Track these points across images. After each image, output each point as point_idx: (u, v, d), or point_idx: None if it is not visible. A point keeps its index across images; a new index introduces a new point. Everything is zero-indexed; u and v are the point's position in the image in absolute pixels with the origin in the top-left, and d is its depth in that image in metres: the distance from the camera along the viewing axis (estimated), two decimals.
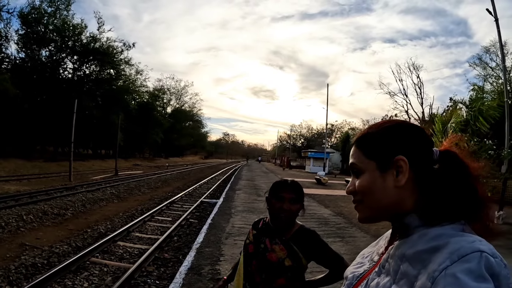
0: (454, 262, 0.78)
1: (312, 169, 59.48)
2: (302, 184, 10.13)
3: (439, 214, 0.97)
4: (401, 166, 1.01)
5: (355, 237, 10.34)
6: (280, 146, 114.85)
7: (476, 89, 25.86)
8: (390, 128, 1.09)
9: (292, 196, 2.29)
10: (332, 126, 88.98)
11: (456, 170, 1.03)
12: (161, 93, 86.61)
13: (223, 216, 11.90)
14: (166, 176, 34.82)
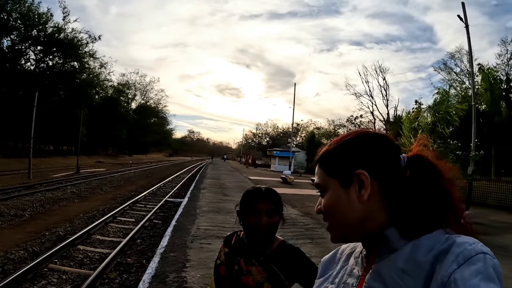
0: (461, 265, 0.76)
1: (278, 168, 59.92)
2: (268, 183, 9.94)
3: (420, 223, 0.92)
4: (363, 181, 0.97)
5: (324, 238, 10.22)
6: (246, 144, 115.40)
7: (441, 92, 26.45)
8: (349, 141, 1.05)
9: (270, 208, 1.94)
10: (298, 126, 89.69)
11: (428, 175, 0.98)
12: (125, 88, 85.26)
13: (188, 217, 11.58)
14: (129, 174, 34.27)
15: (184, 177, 33.62)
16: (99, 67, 60.44)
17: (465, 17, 19.84)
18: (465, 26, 19.81)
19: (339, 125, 75.69)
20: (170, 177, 32.20)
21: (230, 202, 15.99)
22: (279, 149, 68.58)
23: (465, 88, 38.51)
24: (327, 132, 78.53)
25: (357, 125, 68.78)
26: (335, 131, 76.74)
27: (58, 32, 49.17)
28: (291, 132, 65.94)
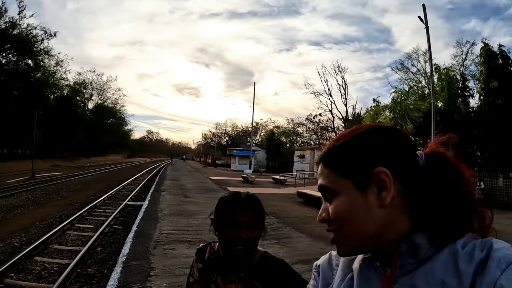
0: (504, 271, 0.70)
1: (238, 167, 60.14)
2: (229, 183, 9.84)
3: (450, 227, 0.81)
4: (384, 180, 0.82)
5: (291, 238, 10.18)
6: (205, 144, 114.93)
7: (398, 91, 27.23)
8: (362, 135, 0.90)
9: (252, 219, 1.67)
10: (257, 125, 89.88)
11: (450, 175, 0.86)
12: (82, 87, 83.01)
13: (150, 221, 11.33)
14: (87, 177, 33.42)
15: (144, 179, 33.09)
16: (54, 65, 58.40)
17: (425, 18, 20.38)
18: (425, 27, 20.35)
19: (298, 124, 76.54)
20: (129, 180, 31.58)
21: (191, 204, 15.82)
22: (239, 148, 68.92)
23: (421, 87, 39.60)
24: (286, 131, 79.21)
25: (316, 123, 69.53)
26: (295, 129, 77.47)
27: (12, 28, 47.22)
28: (251, 131, 66.02)
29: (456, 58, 45.59)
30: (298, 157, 51.88)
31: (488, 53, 25.39)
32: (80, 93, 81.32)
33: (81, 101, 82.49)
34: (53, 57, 56.63)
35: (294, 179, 34.12)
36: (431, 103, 19.47)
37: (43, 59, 54.59)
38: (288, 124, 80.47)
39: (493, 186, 22.61)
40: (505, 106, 23.58)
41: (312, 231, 11.18)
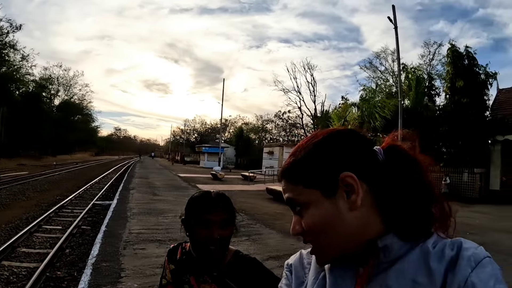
0: (474, 269, 0.74)
1: (207, 164, 60.07)
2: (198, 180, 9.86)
3: (419, 224, 0.85)
4: (351, 184, 0.84)
5: (261, 234, 10.24)
6: (174, 141, 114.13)
7: (367, 89, 27.79)
8: (321, 143, 0.91)
9: (223, 218, 1.68)
10: (226, 121, 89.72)
11: (409, 166, 0.89)
12: (48, 83, 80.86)
13: (119, 221, 11.19)
14: (54, 176, 32.46)
15: (112, 177, 32.64)
16: (20, 60, 56.80)
17: (395, 19, 21.13)
18: (394, 27, 21.08)
19: (267, 120, 76.76)
20: (97, 178, 31.00)
21: (161, 202, 15.74)
22: (207, 145, 68.66)
23: (389, 85, 40.34)
24: (255, 128, 79.32)
25: (285, 120, 69.83)
26: (263, 126, 77.59)
27: None
28: (219, 128, 65.90)
29: (423, 58, 47.08)
30: (267, 153, 52.04)
31: (455, 54, 26.06)
32: (46, 89, 79.11)
33: (47, 97, 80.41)
34: (19, 52, 55.23)
35: (263, 175, 34.38)
36: (399, 101, 20.01)
37: (8, 53, 53.17)
38: (257, 121, 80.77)
39: (459, 181, 23.35)
40: (470, 104, 24.32)
41: (282, 227, 11.27)
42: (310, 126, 62.31)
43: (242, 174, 35.56)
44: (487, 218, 15.52)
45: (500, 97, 29.03)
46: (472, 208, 18.42)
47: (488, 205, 20.01)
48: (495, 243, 10.40)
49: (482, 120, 24.83)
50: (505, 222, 14.51)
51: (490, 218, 15.42)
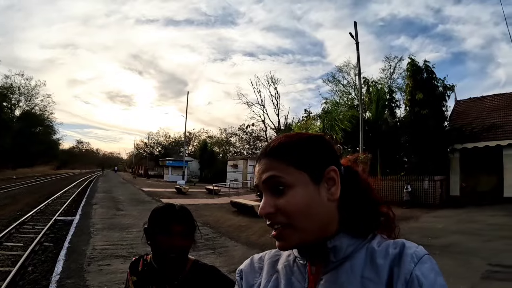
0: (416, 264, 0.84)
1: (171, 178, 59.38)
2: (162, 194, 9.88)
3: (367, 228, 0.97)
4: (333, 178, 0.95)
5: (226, 247, 10.29)
6: (137, 154, 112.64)
7: (329, 102, 28.36)
8: (311, 137, 1.02)
9: (184, 228, 1.78)
10: (190, 134, 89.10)
11: (360, 184, 1.04)
12: (9, 92, 78.60)
13: (82, 237, 11.05)
14: (14, 191, 31.55)
15: (74, 192, 31.85)
16: None
17: (356, 34, 22.16)
18: (356, 43, 22.07)
19: (231, 134, 76.69)
20: (58, 193, 30.06)
21: (124, 217, 15.57)
22: (171, 159, 68.07)
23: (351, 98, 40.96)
24: (219, 141, 79.08)
25: (249, 133, 70.05)
26: (227, 139, 77.54)
27: None
28: (183, 141, 65.57)
29: (384, 72, 48.30)
30: (231, 167, 52.03)
31: (414, 68, 26.90)
32: (8, 98, 77.13)
33: (7, 107, 78.33)
34: None
35: (227, 189, 34.40)
36: (360, 114, 20.53)
37: None
38: (221, 134, 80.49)
39: (420, 188, 23.89)
40: (429, 115, 25.18)
41: (247, 239, 11.35)
42: None
43: (207, 188, 35.37)
44: (447, 222, 15.99)
45: (458, 108, 30.30)
46: (433, 214, 19.04)
47: (449, 210, 20.69)
48: (455, 245, 10.83)
49: (441, 130, 25.76)
50: (464, 224, 15.01)
51: (450, 222, 15.88)
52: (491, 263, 8.51)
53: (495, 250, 9.98)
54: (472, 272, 7.85)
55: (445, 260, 8.87)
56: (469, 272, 7.86)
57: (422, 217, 17.95)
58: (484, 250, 10.08)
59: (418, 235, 12.52)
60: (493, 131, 25.00)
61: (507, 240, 11.26)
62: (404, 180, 24.60)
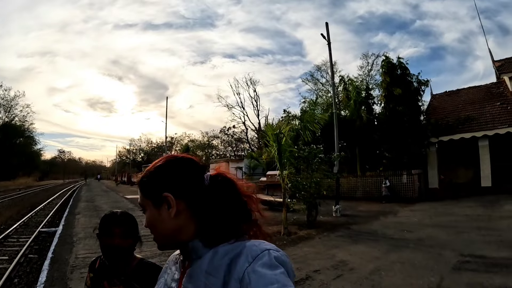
0: (251, 263, 1.00)
1: None
2: None
3: (217, 235, 1.16)
4: (169, 201, 1.18)
5: None
6: (120, 161, 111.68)
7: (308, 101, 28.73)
8: (158, 168, 1.27)
9: (123, 230, 2.14)
10: (172, 139, 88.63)
11: (227, 189, 1.24)
12: None
13: (65, 246, 11.10)
14: None
15: (57, 203, 31.38)
16: None
17: (328, 35, 22.59)
18: (328, 43, 22.55)
19: (213, 137, 76.30)
20: (41, 205, 29.65)
21: None
22: None
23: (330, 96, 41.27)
24: (201, 144, 78.77)
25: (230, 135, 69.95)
26: (209, 142, 77.27)
27: None
28: (165, 146, 65.44)
29: (362, 69, 49.43)
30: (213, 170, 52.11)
31: (389, 65, 27.51)
32: None
33: None
34: None
35: None
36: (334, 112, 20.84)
37: None
38: (203, 138, 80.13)
39: (399, 183, 24.52)
40: (405, 111, 25.72)
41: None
42: (255, 140, 62.76)
43: None
44: (424, 215, 16.40)
45: (433, 102, 30.90)
46: (412, 207, 19.46)
47: (428, 203, 21.23)
48: (430, 238, 11.15)
49: (417, 125, 26.22)
50: (441, 217, 15.45)
51: (428, 215, 16.29)
52: (463, 254, 8.81)
53: (468, 242, 10.32)
54: (443, 264, 8.09)
55: (418, 253, 9.22)
56: (440, 264, 8.10)
57: (400, 211, 18.35)
58: (457, 241, 10.43)
59: (395, 229, 12.97)
60: (468, 123, 25.58)
61: (481, 231, 11.68)
62: (383, 175, 25.12)
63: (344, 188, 25.72)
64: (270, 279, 0.95)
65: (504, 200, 18.85)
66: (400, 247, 10.18)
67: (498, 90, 28.02)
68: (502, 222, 13.04)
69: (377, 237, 11.74)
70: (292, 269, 1.05)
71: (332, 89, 25.23)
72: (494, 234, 11.00)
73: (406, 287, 6.72)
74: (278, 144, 13.66)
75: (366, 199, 25.01)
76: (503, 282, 6.59)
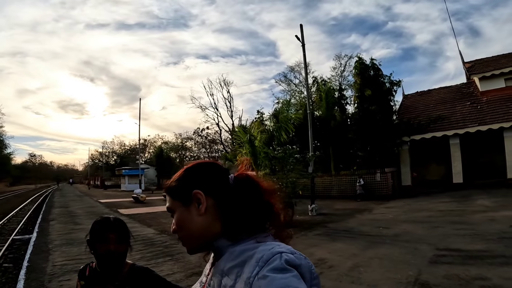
0: (262, 267, 0.97)
1: (128, 187, 58.73)
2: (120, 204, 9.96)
3: (239, 231, 1.17)
4: (199, 198, 1.20)
5: (184, 253, 10.24)
6: (93, 165, 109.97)
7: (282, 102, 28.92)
8: (187, 170, 1.31)
9: (118, 235, 2.12)
10: (145, 141, 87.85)
11: (250, 189, 1.24)
12: None
13: (41, 255, 10.81)
14: None
15: (30, 209, 30.66)
16: None
17: (302, 37, 22.86)
18: (302, 45, 22.82)
19: (187, 138, 75.83)
20: (13, 211, 29.16)
21: (82, 231, 15.24)
22: (128, 168, 67.11)
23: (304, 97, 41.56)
24: (175, 146, 78.24)
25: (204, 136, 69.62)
26: (183, 144, 76.80)
27: None
28: (138, 148, 64.98)
29: (335, 70, 50.21)
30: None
31: (362, 66, 27.96)
32: None
33: None
34: None
35: None
36: (308, 113, 20.99)
37: None
38: (176, 139, 79.50)
39: (373, 181, 25.04)
40: (378, 110, 26.18)
41: None
42: (229, 141, 62.63)
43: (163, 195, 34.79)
44: (399, 212, 16.71)
45: (405, 102, 31.72)
46: (386, 205, 19.80)
47: (402, 200, 21.64)
48: (405, 234, 11.36)
49: (389, 124, 26.73)
50: (415, 213, 15.74)
51: (402, 212, 16.61)
52: (439, 248, 9.01)
53: (443, 236, 10.56)
54: (420, 258, 8.25)
55: (395, 249, 9.36)
56: (417, 258, 8.25)
57: (375, 209, 18.63)
58: (433, 236, 10.65)
59: (371, 226, 13.15)
60: (439, 122, 26.32)
61: (455, 225, 11.96)
62: (357, 174, 25.57)
63: (319, 187, 26.11)
64: (280, 283, 0.93)
65: (475, 195, 19.43)
66: (377, 243, 10.32)
67: (469, 90, 29.19)
68: (475, 216, 13.42)
69: (354, 234, 11.85)
70: (310, 270, 1.03)
71: (306, 90, 25.44)
72: (468, 228, 11.29)
73: (385, 282, 6.80)
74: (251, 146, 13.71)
75: (341, 198, 25.37)
76: (479, 273, 6.76)
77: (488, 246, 8.88)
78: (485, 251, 8.36)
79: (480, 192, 20.22)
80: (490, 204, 16.21)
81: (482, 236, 10.02)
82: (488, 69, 27.06)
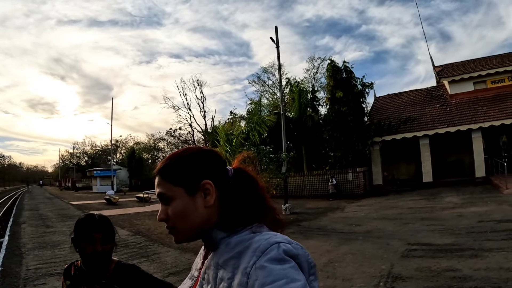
0: (259, 257, 0.96)
1: (100, 189, 57.64)
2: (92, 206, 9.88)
3: (235, 223, 1.15)
4: (208, 189, 1.15)
5: (159, 253, 10.31)
6: (63, 166, 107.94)
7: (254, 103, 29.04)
8: (191, 156, 1.22)
9: (104, 235, 2.07)
10: (117, 142, 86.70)
11: (248, 183, 1.24)
12: None
13: (14, 258, 10.56)
14: None
15: None
16: None
17: (277, 38, 22.97)
18: (276, 46, 22.94)
19: (159, 139, 75.03)
20: None
21: (55, 234, 15.05)
22: (99, 169, 66.11)
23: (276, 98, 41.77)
24: (147, 147, 77.32)
25: (177, 137, 69.08)
26: (155, 145, 76.05)
27: None
28: (110, 149, 64.20)
29: (308, 72, 50.45)
30: None
31: (334, 68, 28.13)
32: None
33: None
34: None
35: None
36: (281, 114, 21.19)
37: None
38: (148, 140, 78.51)
39: (345, 180, 25.47)
40: (349, 112, 26.53)
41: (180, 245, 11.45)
42: (202, 142, 62.34)
43: (137, 196, 34.31)
44: (371, 209, 17.00)
45: (377, 104, 32.42)
46: (358, 203, 20.12)
47: (373, 198, 22.06)
48: (377, 230, 11.64)
49: (361, 125, 27.19)
50: (386, 211, 16.07)
51: (374, 209, 16.91)
52: (410, 243, 9.26)
53: (414, 231, 10.83)
54: (392, 252, 8.47)
55: (367, 245, 9.58)
56: (389, 253, 8.47)
57: (347, 207, 18.89)
58: (404, 232, 10.92)
59: (343, 224, 13.37)
60: (409, 123, 27.03)
61: (425, 221, 12.26)
62: (329, 174, 25.96)
63: (292, 187, 26.40)
64: (278, 275, 0.91)
65: (444, 192, 19.96)
66: (350, 239, 10.51)
67: (438, 93, 30.16)
68: (444, 213, 13.78)
69: (327, 232, 12.05)
70: (308, 260, 1.01)
71: (280, 92, 25.60)
72: (437, 224, 11.60)
73: (359, 275, 6.95)
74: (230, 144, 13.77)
75: (313, 197, 25.69)
76: (449, 265, 7.01)
77: (457, 240, 9.15)
78: (454, 245, 8.61)
79: (449, 190, 20.78)
80: (459, 201, 16.58)
81: (452, 231, 10.30)
82: (458, 73, 27.84)
